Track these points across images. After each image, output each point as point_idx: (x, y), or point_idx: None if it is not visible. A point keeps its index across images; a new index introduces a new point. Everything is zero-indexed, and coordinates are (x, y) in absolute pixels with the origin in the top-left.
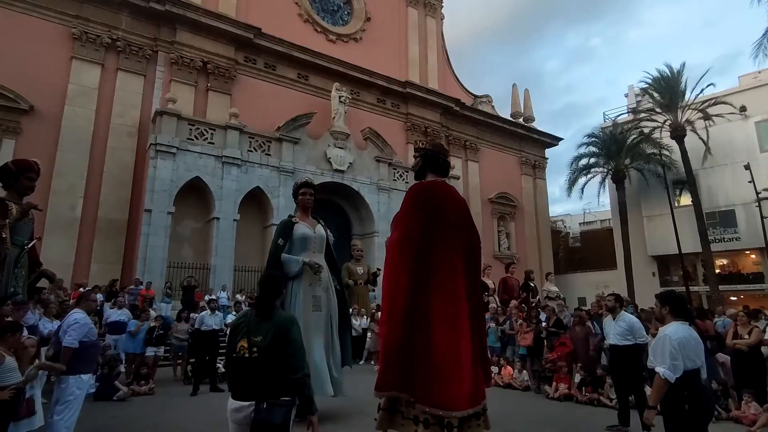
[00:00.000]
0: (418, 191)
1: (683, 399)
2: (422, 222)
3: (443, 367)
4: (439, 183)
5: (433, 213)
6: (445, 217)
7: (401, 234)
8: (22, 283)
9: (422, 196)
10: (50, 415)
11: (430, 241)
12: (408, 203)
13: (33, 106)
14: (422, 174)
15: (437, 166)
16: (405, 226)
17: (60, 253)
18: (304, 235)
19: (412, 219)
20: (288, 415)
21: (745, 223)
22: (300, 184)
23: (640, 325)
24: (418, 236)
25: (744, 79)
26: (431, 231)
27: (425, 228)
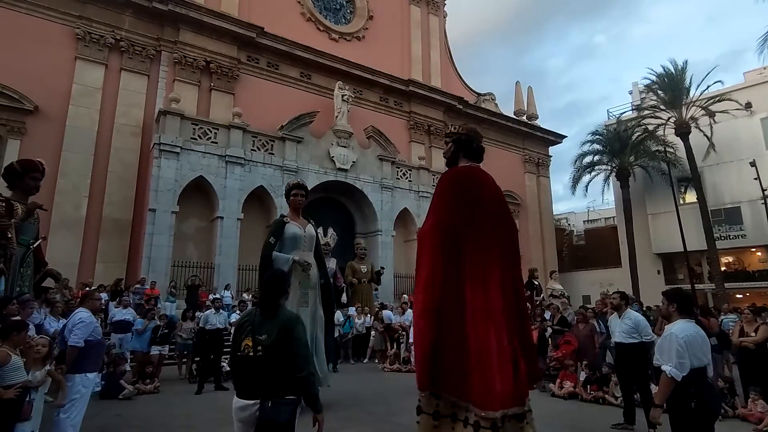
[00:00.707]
0: (454, 177)
1: (690, 397)
2: (458, 210)
3: (477, 362)
4: (475, 169)
5: (470, 200)
6: (482, 205)
7: (435, 222)
8: (28, 282)
9: (458, 183)
10: (56, 414)
11: (466, 230)
12: (442, 190)
13: (37, 107)
14: (455, 160)
15: (471, 151)
16: (439, 214)
17: (65, 252)
18: (294, 234)
19: (447, 206)
20: (293, 414)
21: (751, 221)
22: (292, 186)
23: (646, 323)
24: (453, 225)
25: (749, 75)
26: (468, 219)
27: (461, 216)
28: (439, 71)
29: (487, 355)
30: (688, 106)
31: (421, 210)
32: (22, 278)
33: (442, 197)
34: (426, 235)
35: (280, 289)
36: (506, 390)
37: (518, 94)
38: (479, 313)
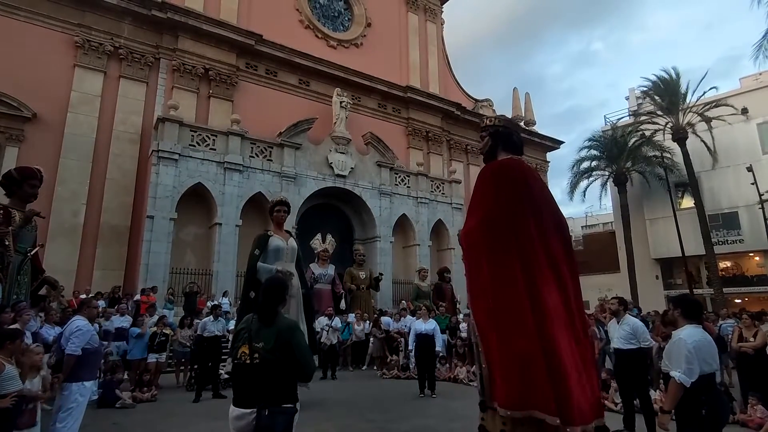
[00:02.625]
0: (498, 169)
1: (700, 404)
2: (508, 202)
3: (569, 372)
4: (518, 160)
5: (518, 192)
6: (532, 196)
7: (482, 219)
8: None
9: (503, 175)
10: (53, 422)
11: (520, 223)
12: (485, 185)
13: (36, 114)
14: (493, 154)
15: (511, 143)
16: (487, 210)
17: (63, 259)
18: (277, 247)
19: (494, 200)
20: (289, 422)
21: (749, 225)
22: (275, 203)
23: (644, 329)
24: (505, 219)
25: (745, 81)
26: (520, 212)
27: (513, 209)
28: (437, 78)
29: (577, 362)
30: (685, 112)
31: (420, 216)
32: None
33: (489, 190)
34: (472, 234)
35: (278, 296)
36: (595, 398)
37: (516, 101)
38: (559, 316)
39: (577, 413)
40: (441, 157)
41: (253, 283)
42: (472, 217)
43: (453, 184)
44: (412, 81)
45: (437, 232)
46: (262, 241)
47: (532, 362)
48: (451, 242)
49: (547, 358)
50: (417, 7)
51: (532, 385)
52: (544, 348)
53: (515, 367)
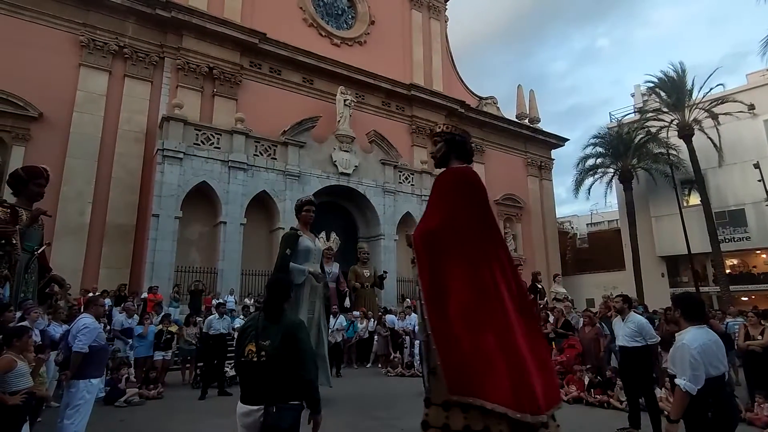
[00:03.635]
0: (461, 175)
1: (707, 407)
2: (471, 206)
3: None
4: (472, 168)
5: (479, 198)
6: (487, 203)
7: (446, 221)
8: (32, 288)
9: (465, 181)
10: (60, 419)
11: (481, 227)
12: (449, 189)
13: (42, 113)
14: (446, 161)
15: (464, 152)
16: (451, 213)
17: (69, 258)
18: (307, 248)
19: (457, 204)
20: (297, 419)
21: (756, 223)
22: (304, 202)
23: (649, 326)
24: (468, 222)
25: (752, 77)
26: (481, 216)
27: (475, 213)
28: (440, 75)
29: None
30: (691, 109)
31: None
32: (27, 284)
33: (453, 194)
34: (436, 234)
35: (284, 294)
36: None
37: (520, 98)
38: (516, 313)
39: (542, 403)
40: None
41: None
42: (431, 218)
43: None
44: (415, 79)
45: None
46: (292, 241)
47: (500, 357)
48: None
49: (512, 352)
50: (420, 4)
51: (499, 378)
52: (510, 344)
53: (482, 362)
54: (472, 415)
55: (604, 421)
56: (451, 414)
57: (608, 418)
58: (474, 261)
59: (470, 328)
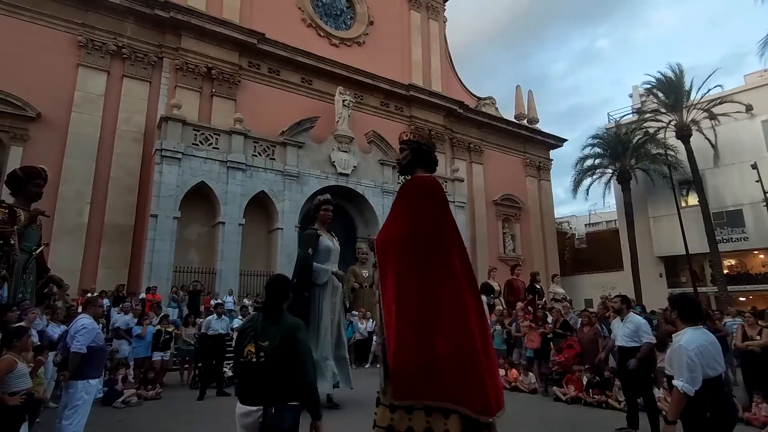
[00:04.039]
0: (423, 184)
1: (705, 407)
2: (437, 216)
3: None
4: (434, 179)
5: (444, 208)
6: (447, 214)
7: (404, 229)
8: (30, 288)
9: (431, 191)
10: (58, 420)
11: (446, 236)
12: (409, 197)
13: (40, 114)
14: (411, 169)
15: (429, 162)
16: (409, 221)
17: (67, 258)
18: (328, 247)
19: (417, 214)
20: (296, 420)
21: (753, 223)
22: (322, 201)
23: (647, 326)
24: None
25: (750, 78)
26: (448, 226)
27: (441, 222)
28: (439, 76)
29: (491, 359)
30: (689, 109)
31: None
32: (25, 284)
33: (420, 203)
34: (402, 241)
35: (283, 294)
36: (501, 393)
37: (519, 98)
38: (476, 317)
39: (494, 405)
40: (444, 156)
41: (307, 283)
42: (394, 225)
43: (456, 182)
44: (414, 79)
45: None
46: (313, 240)
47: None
48: None
49: (471, 357)
50: (419, 5)
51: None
52: (468, 349)
53: (436, 366)
54: (416, 416)
55: (602, 421)
56: (395, 416)
57: (606, 418)
58: (434, 269)
59: (426, 333)
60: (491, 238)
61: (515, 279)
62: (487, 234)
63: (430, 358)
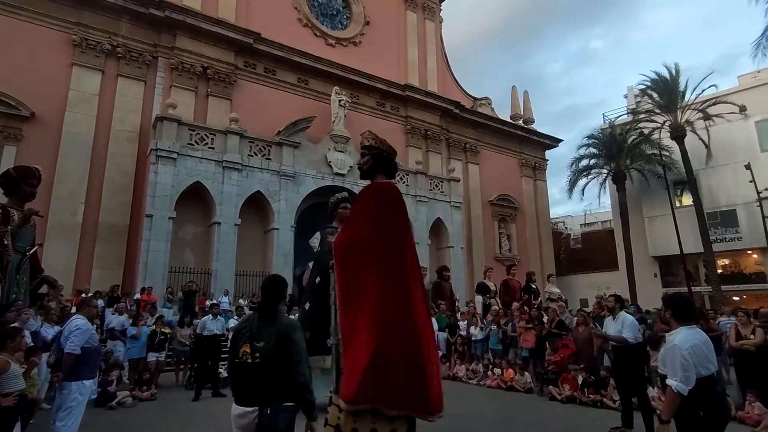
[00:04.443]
0: (382, 190)
1: (698, 406)
2: (397, 221)
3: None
4: (393, 185)
5: (403, 214)
6: (404, 221)
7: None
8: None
9: (391, 197)
10: (52, 421)
11: (404, 242)
12: (369, 202)
13: (34, 113)
14: (371, 174)
15: (389, 168)
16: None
17: (62, 258)
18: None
19: (375, 219)
20: (292, 421)
21: (747, 223)
22: (340, 199)
23: (635, 326)
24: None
25: (743, 79)
26: (406, 232)
27: (400, 228)
28: (435, 76)
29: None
30: (684, 110)
31: (419, 214)
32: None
33: (381, 208)
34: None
35: (278, 294)
36: (441, 395)
37: (515, 99)
38: (426, 323)
39: (435, 407)
40: (440, 156)
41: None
42: (352, 228)
43: (452, 182)
44: (410, 79)
45: (436, 231)
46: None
47: (405, 364)
48: (450, 241)
49: (419, 360)
50: (415, 5)
51: (407, 382)
52: (419, 354)
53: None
54: (361, 418)
55: (597, 420)
56: (342, 416)
57: (601, 417)
58: (389, 273)
59: (378, 336)
60: (487, 238)
61: (511, 279)
62: (483, 234)
63: (382, 360)
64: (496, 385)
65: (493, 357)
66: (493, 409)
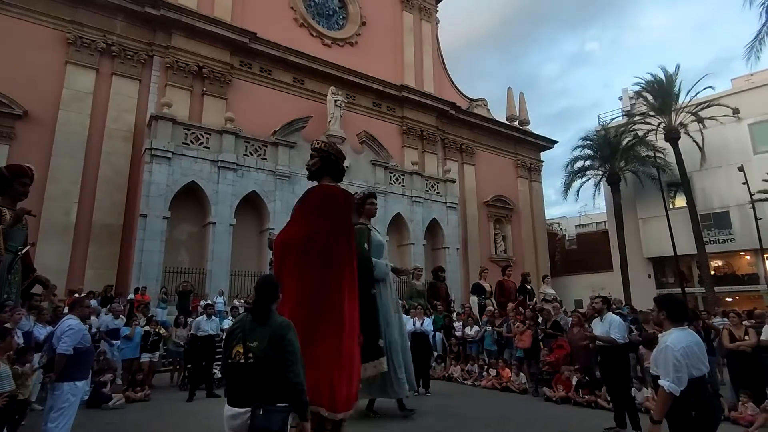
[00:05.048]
0: (326, 192)
1: (690, 406)
2: (328, 225)
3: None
4: (338, 188)
5: (337, 218)
6: (346, 224)
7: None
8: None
9: (334, 198)
10: (44, 423)
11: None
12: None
13: (27, 111)
14: (318, 175)
15: (336, 171)
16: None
17: (54, 258)
18: (380, 242)
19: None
20: (285, 422)
21: (740, 225)
22: (368, 194)
23: (622, 327)
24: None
25: (737, 82)
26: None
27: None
28: (431, 77)
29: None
30: (678, 112)
31: (414, 215)
32: (10, 285)
33: (315, 210)
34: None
35: (271, 294)
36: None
37: (510, 100)
38: (350, 324)
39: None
40: (435, 156)
41: (372, 280)
42: (294, 227)
43: (447, 183)
44: (406, 80)
45: (432, 231)
46: (367, 236)
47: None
48: (445, 241)
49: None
50: (412, 6)
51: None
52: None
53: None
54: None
55: (591, 420)
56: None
57: (595, 417)
58: (323, 274)
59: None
60: (482, 239)
61: (506, 280)
62: (478, 235)
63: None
64: (491, 386)
65: (488, 357)
66: (488, 408)
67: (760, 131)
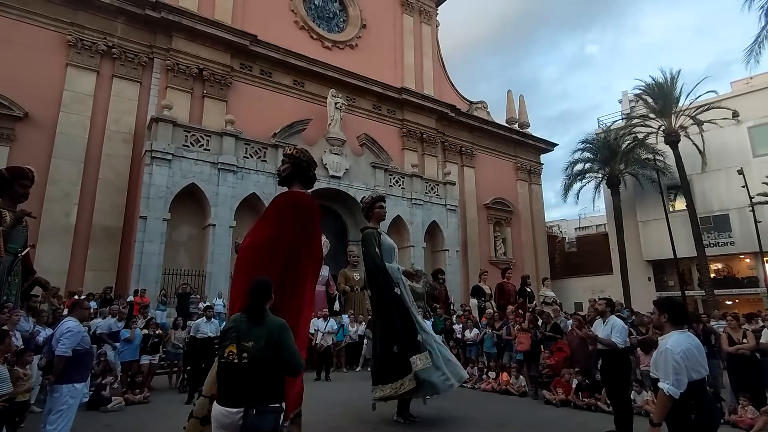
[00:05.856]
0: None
1: (689, 409)
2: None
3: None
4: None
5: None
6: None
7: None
8: (15, 291)
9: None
10: (43, 425)
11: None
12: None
13: (27, 113)
14: (289, 181)
15: (307, 178)
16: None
17: (54, 260)
18: (391, 246)
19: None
20: (277, 422)
21: (739, 228)
22: (377, 198)
23: (623, 330)
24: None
25: (736, 85)
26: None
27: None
28: (431, 79)
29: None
30: (678, 115)
31: (414, 217)
32: (10, 286)
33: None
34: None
35: (265, 294)
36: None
37: (510, 103)
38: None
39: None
40: (435, 159)
41: (391, 281)
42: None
43: (447, 185)
44: (406, 82)
45: (431, 234)
46: (377, 239)
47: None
48: (445, 244)
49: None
50: (412, 8)
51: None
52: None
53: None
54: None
55: (591, 423)
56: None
57: (595, 420)
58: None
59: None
60: (482, 242)
61: (506, 282)
62: (478, 237)
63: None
64: (490, 389)
65: (488, 360)
66: (487, 412)
67: (759, 134)
